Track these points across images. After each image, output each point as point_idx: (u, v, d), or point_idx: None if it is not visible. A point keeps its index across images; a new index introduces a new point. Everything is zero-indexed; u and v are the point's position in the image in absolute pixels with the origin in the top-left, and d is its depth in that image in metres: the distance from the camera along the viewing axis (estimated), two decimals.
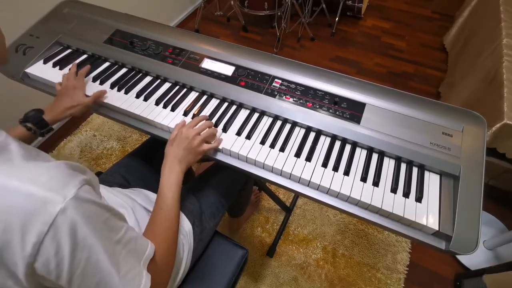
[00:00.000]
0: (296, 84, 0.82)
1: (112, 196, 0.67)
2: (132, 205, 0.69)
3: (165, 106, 0.82)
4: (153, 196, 0.78)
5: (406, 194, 0.66)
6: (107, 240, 0.41)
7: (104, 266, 0.39)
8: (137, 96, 0.84)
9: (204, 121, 0.74)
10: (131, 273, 0.43)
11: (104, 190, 0.68)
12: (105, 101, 0.83)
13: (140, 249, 0.47)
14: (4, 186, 0.35)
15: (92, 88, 0.86)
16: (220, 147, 0.74)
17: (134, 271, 0.44)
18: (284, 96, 0.80)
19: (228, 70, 0.86)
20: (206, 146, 0.71)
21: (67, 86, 0.81)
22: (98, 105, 0.85)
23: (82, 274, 0.38)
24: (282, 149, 0.73)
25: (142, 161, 0.93)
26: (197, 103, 0.84)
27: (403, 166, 0.71)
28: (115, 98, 0.84)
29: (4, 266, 0.35)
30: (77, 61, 0.93)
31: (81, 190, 0.38)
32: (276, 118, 0.80)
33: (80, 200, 0.38)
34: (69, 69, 0.87)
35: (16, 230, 0.34)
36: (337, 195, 0.68)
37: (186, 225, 0.74)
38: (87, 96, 0.82)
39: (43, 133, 0.75)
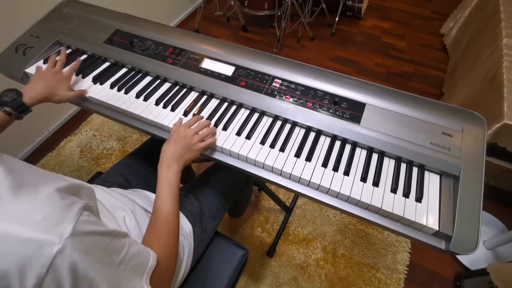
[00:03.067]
0: (296, 84, 0.82)
1: (112, 199, 0.66)
2: (133, 207, 0.68)
3: (165, 106, 0.82)
4: (153, 196, 0.77)
5: (406, 194, 0.66)
6: (108, 267, 0.40)
7: None
8: (137, 96, 0.84)
9: (203, 120, 0.74)
10: None
11: (103, 193, 0.67)
12: (105, 101, 0.83)
13: (143, 263, 0.47)
14: None
15: (93, 88, 0.86)
16: (220, 146, 0.74)
17: None
18: (284, 96, 0.80)
19: (228, 70, 0.86)
20: (203, 144, 0.71)
21: (54, 73, 0.80)
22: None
23: None
24: (282, 149, 0.73)
25: (143, 161, 0.92)
26: (197, 103, 0.84)
27: (403, 166, 0.71)
28: (115, 98, 0.84)
29: None
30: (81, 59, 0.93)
31: (78, 224, 0.36)
32: (276, 118, 0.80)
33: (78, 235, 0.36)
34: (60, 56, 0.86)
35: (14, 275, 0.33)
36: (337, 195, 0.68)
37: (186, 226, 0.74)
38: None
39: (22, 116, 0.73)
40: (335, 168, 0.70)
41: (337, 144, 0.75)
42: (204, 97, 0.85)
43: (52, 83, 0.78)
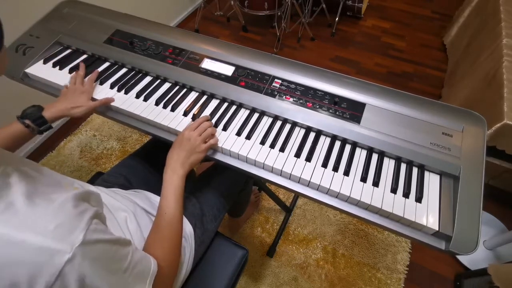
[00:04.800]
0: (296, 84, 0.82)
1: (113, 200, 0.66)
2: (134, 209, 0.68)
3: (165, 106, 0.82)
4: (155, 198, 0.78)
5: (406, 194, 0.66)
6: (114, 275, 0.41)
7: None
8: (137, 96, 0.84)
9: (205, 122, 0.74)
10: None
11: (104, 194, 0.66)
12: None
13: (146, 269, 0.48)
14: (10, 240, 0.34)
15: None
16: (220, 146, 0.74)
17: None
18: (284, 96, 0.80)
19: (228, 70, 0.86)
20: (206, 145, 0.71)
21: (74, 89, 0.80)
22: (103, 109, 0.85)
23: None
24: (282, 149, 0.73)
25: (144, 162, 0.92)
26: (197, 103, 0.84)
27: (403, 166, 0.71)
28: (115, 98, 0.84)
29: None
30: (77, 60, 0.93)
31: (88, 233, 0.37)
32: (276, 118, 0.80)
33: (88, 244, 0.37)
34: (76, 71, 0.86)
35: (24, 283, 0.33)
36: (337, 195, 0.68)
37: (187, 227, 0.74)
38: (93, 100, 0.82)
39: (42, 130, 0.73)
40: (335, 168, 0.70)
41: (337, 144, 0.75)
42: (204, 97, 0.85)
43: (72, 97, 0.79)
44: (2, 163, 0.39)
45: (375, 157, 0.73)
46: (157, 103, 0.83)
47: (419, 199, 0.65)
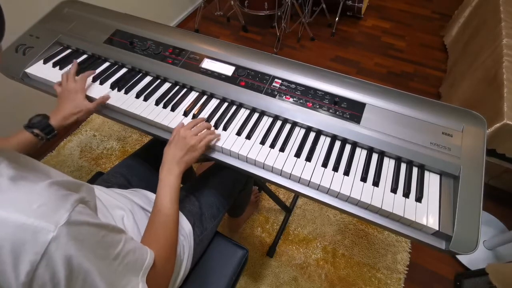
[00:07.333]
0: (296, 84, 0.82)
1: (110, 198, 0.67)
2: (131, 207, 0.68)
3: (165, 106, 0.82)
4: (152, 196, 0.78)
5: (406, 194, 0.66)
6: (102, 260, 0.40)
7: (99, 287, 0.39)
8: (137, 96, 0.84)
9: (202, 122, 0.74)
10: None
11: (102, 193, 0.67)
12: (105, 101, 0.83)
13: (139, 260, 0.47)
14: None
15: (92, 88, 0.87)
16: (220, 146, 0.74)
17: (129, 286, 0.44)
18: (284, 96, 0.80)
19: (228, 70, 0.86)
20: (202, 144, 0.71)
21: (68, 88, 0.80)
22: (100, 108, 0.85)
23: None
24: (282, 149, 0.73)
25: (144, 162, 0.93)
26: (197, 103, 0.84)
27: (403, 166, 0.71)
28: (115, 98, 0.84)
29: None
30: (78, 60, 0.93)
31: (73, 214, 0.37)
32: (276, 118, 0.80)
33: (73, 225, 0.37)
34: (70, 68, 0.87)
35: (8, 261, 0.33)
36: (337, 195, 0.68)
37: (186, 226, 0.74)
38: (88, 98, 0.82)
39: (49, 138, 0.74)
40: (335, 168, 0.70)
41: (337, 144, 0.75)
42: (204, 97, 0.85)
43: (69, 99, 0.79)
44: None
45: (375, 157, 0.73)
46: (157, 103, 0.83)
47: (419, 199, 0.65)
